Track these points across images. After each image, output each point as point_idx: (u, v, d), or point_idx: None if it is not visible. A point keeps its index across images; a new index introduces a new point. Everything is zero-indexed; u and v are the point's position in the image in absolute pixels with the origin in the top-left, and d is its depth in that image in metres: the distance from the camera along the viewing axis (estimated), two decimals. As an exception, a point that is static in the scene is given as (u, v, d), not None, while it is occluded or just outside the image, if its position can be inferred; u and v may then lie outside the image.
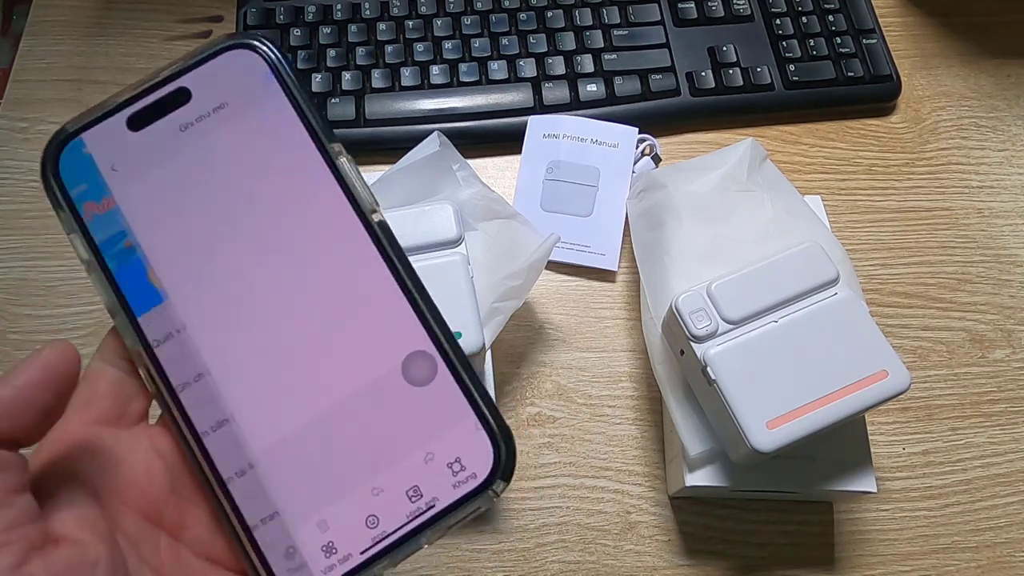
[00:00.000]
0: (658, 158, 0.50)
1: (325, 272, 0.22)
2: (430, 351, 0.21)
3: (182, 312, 0.22)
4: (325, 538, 0.21)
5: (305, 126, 0.22)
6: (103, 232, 0.22)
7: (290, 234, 0.22)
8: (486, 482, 0.21)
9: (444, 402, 0.21)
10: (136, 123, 0.22)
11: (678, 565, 0.40)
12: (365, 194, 0.22)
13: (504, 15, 0.53)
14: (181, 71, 0.22)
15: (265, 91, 0.22)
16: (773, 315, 0.34)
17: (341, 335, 0.22)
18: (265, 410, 0.21)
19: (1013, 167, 0.52)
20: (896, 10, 0.58)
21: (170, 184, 0.22)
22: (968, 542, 0.41)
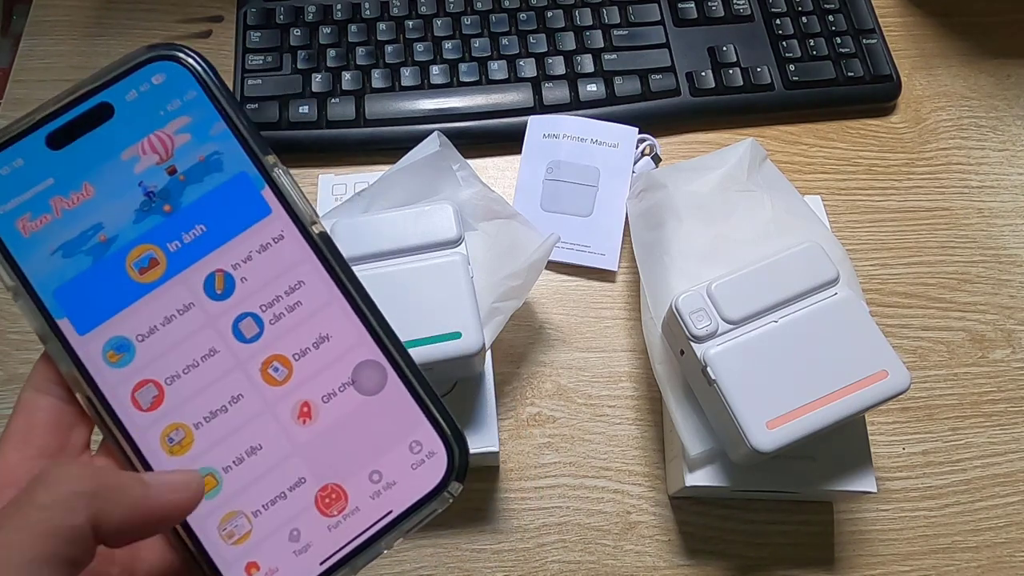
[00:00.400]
0: (658, 158, 0.50)
1: (268, 287, 0.22)
2: (379, 360, 0.22)
3: (134, 329, 0.21)
4: (297, 545, 0.21)
5: (237, 138, 0.22)
6: (36, 250, 0.21)
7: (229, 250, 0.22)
8: (440, 484, 0.21)
9: (396, 409, 0.22)
10: (56, 141, 0.21)
11: (678, 565, 0.40)
12: (303, 206, 0.22)
13: (504, 15, 0.53)
14: (103, 84, 0.21)
15: (193, 104, 0.22)
16: (773, 315, 0.34)
17: (290, 348, 0.22)
18: (215, 426, 0.21)
19: (1013, 167, 0.52)
20: (896, 10, 0.58)
21: (99, 203, 0.21)
22: (968, 542, 0.41)
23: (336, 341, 0.22)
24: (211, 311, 0.21)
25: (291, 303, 0.22)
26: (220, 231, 0.22)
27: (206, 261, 0.22)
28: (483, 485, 0.42)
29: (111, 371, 0.21)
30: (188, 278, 0.21)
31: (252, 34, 0.52)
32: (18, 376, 0.44)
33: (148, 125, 0.22)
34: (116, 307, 0.21)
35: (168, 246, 0.21)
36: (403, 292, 0.33)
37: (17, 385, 0.43)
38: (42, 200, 0.21)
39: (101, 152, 0.21)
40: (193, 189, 0.22)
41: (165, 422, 0.21)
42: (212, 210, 0.22)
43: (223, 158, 0.22)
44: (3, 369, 0.44)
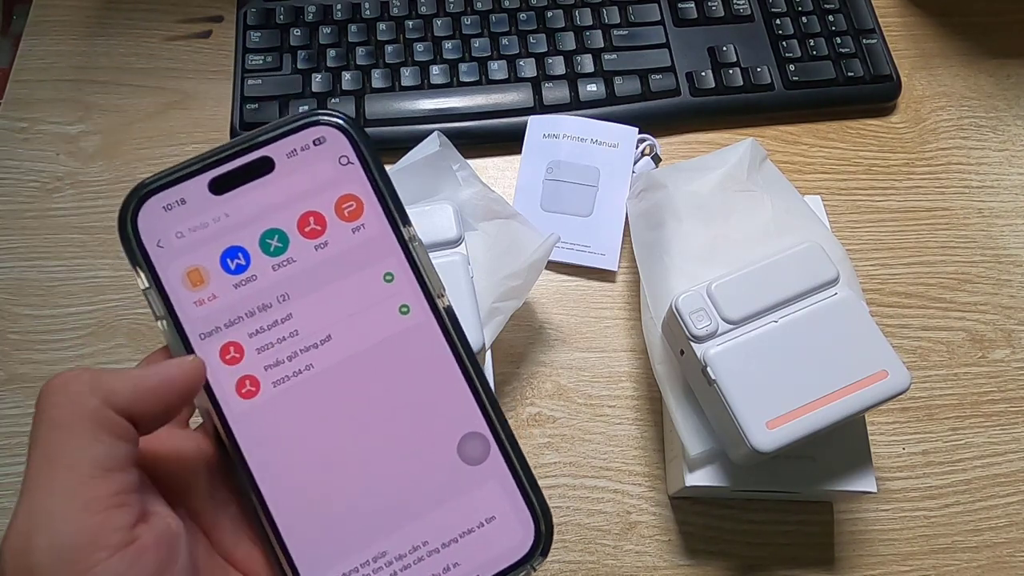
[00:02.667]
0: (658, 158, 0.50)
1: (394, 356, 0.23)
2: (484, 433, 0.23)
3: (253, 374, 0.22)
4: None
5: (383, 209, 0.23)
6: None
7: (361, 314, 0.23)
8: (526, 557, 0.22)
9: (494, 481, 0.23)
10: (218, 187, 0.22)
11: (678, 565, 0.40)
12: (434, 278, 0.23)
13: (504, 15, 0.53)
14: (267, 140, 0.23)
15: (347, 172, 0.23)
16: (773, 315, 0.34)
17: (405, 414, 0.23)
18: (322, 468, 0.22)
19: (1013, 167, 0.52)
20: (896, 10, 0.58)
21: (247, 257, 0.23)
22: (968, 542, 0.41)
23: (446, 412, 0.23)
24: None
25: (408, 380, 0.23)
26: (351, 303, 0.23)
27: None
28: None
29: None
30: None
31: (252, 34, 0.52)
32: (18, 376, 0.44)
33: (303, 187, 0.23)
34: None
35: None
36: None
37: (17, 385, 0.44)
38: (198, 241, 0.22)
39: (258, 207, 0.23)
40: (335, 266, 0.23)
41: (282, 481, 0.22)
42: (348, 287, 0.23)
43: (367, 232, 0.23)
44: (3, 369, 0.44)
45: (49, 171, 0.50)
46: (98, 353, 0.45)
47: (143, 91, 0.53)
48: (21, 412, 0.43)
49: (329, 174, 0.23)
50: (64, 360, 0.44)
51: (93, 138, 0.51)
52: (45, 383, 0.20)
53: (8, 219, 0.48)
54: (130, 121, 0.52)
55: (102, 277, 0.47)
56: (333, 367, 0.22)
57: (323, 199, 0.23)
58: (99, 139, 0.51)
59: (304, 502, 0.22)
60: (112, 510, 0.19)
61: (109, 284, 0.47)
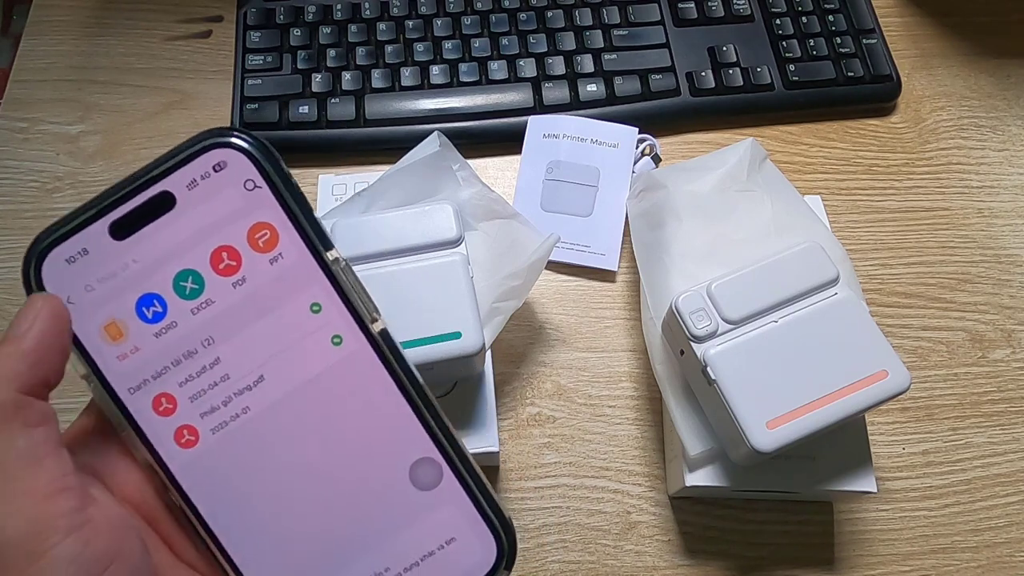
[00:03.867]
0: (658, 158, 0.50)
1: (332, 389, 0.22)
2: (435, 457, 0.22)
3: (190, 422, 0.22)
4: None
5: (300, 234, 0.21)
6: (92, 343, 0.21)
7: (291, 349, 0.22)
8: (489, 574, 0.22)
9: (451, 503, 0.22)
10: (119, 231, 0.21)
11: (678, 565, 0.40)
12: (365, 302, 0.22)
13: (504, 15, 0.53)
14: (162, 173, 0.21)
15: (255, 197, 0.21)
16: (773, 315, 0.34)
17: (350, 443, 0.22)
18: (274, 508, 0.22)
19: (1013, 167, 0.52)
20: (896, 10, 0.58)
21: (163, 303, 0.21)
22: (968, 542, 0.41)
23: (394, 438, 0.22)
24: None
25: (347, 411, 0.22)
26: (274, 341, 0.22)
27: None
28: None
29: (179, 452, 0.22)
30: None
31: (252, 34, 0.52)
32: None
33: (210, 221, 0.21)
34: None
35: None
36: (403, 292, 0.33)
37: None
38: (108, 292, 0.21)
39: (164, 249, 0.21)
40: (255, 304, 0.22)
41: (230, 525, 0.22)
42: (271, 324, 0.22)
43: (286, 262, 0.22)
44: (3, 369, 0.44)
45: (49, 171, 0.50)
46: (98, 353, 0.45)
47: (143, 91, 0.53)
48: (21, 412, 0.43)
49: (236, 203, 0.21)
50: (64, 360, 0.44)
51: (93, 138, 0.51)
52: None
53: (8, 219, 0.48)
54: (130, 121, 0.52)
55: (102, 277, 0.47)
56: (270, 407, 0.22)
57: (233, 231, 0.21)
58: (99, 139, 0.51)
59: (260, 543, 0.22)
60: (55, 496, 0.18)
61: (109, 284, 0.47)
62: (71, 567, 0.18)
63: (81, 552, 0.18)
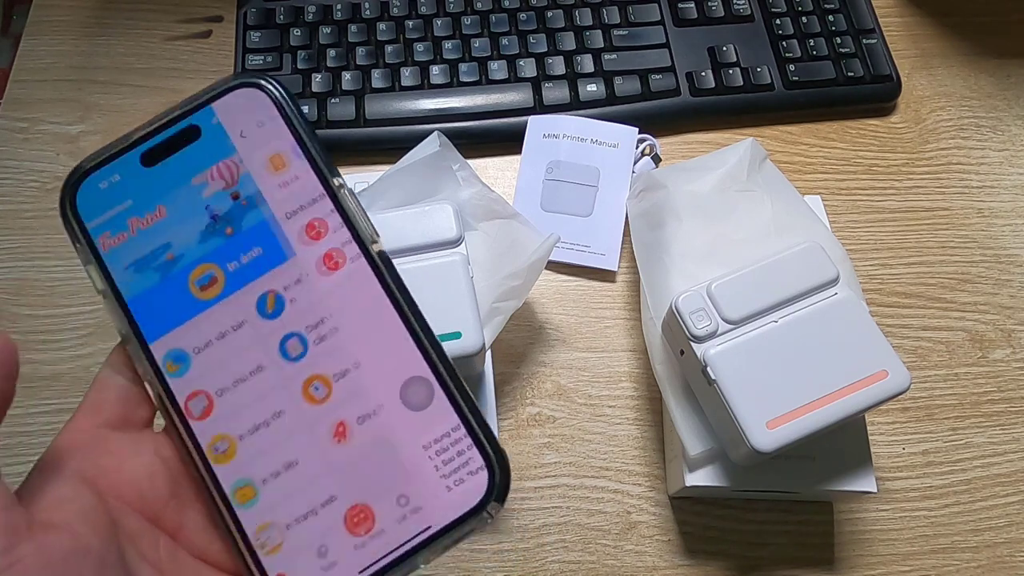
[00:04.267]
0: (658, 158, 0.50)
1: (328, 303, 0.23)
2: (427, 377, 0.22)
3: (191, 342, 0.22)
4: (325, 561, 0.21)
5: (309, 161, 0.23)
6: (118, 262, 0.23)
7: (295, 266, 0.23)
8: (480, 504, 0.21)
9: (440, 427, 0.22)
10: (149, 160, 0.23)
11: (678, 565, 0.40)
12: (366, 225, 0.23)
13: (504, 15, 0.53)
14: (191, 109, 0.23)
15: (271, 128, 0.23)
16: (773, 315, 0.34)
17: (342, 362, 0.22)
18: (257, 440, 0.22)
19: (1013, 167, 0.52)
20: (896, 10, 0.58)
21: (170, 224, 0.23)
22: (968, 542, 0.41)
23: (381, 360, 0.22)
24: (261, 330, 0.23)
25: (336, 324, 0.23)
26: (276, 253, 0.23)
27: (260, 281, 0.23)
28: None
29: (169, 380, 0.22)
30: (243, 297, 0.23)
31: (252, 34, 0.52)
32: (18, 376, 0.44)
33: (223, 150, 0.23)
34: (177, 321, 0.23)
35: (227, 266, 0.23)
36: (403, 292, 0.33)
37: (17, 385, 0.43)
38: (122, 220, 0.23)
39: (178, 175, 0.23)
40: (254, 214, 0.23)
41: (213, 432, 0.22)
42: (270, 233, 0.23)
43: (297, 190, 0.23)
44: (3, 369, 0.44)
45: (49, 171, 0.50)
46: (98, 353, 0.45)
47: (143, 91, 0.53)
48: (22, 412, 0.43)
49: (255, 134, 0.23)
50: (64, 360, 0.44)
51: (93, 138, 0.51)
52: None
53: (8, 219, 0.48)
54: (130, 121, 0.52)
55: (102, 277, 0.47)
56: (277, 317, 0.23)
57: (252, 158, 0.23)
58: (99, 139, 0.51)
59: (264, 471, 0.22)
60: None
61: (109, 284, 0.47)
62: None
63: None
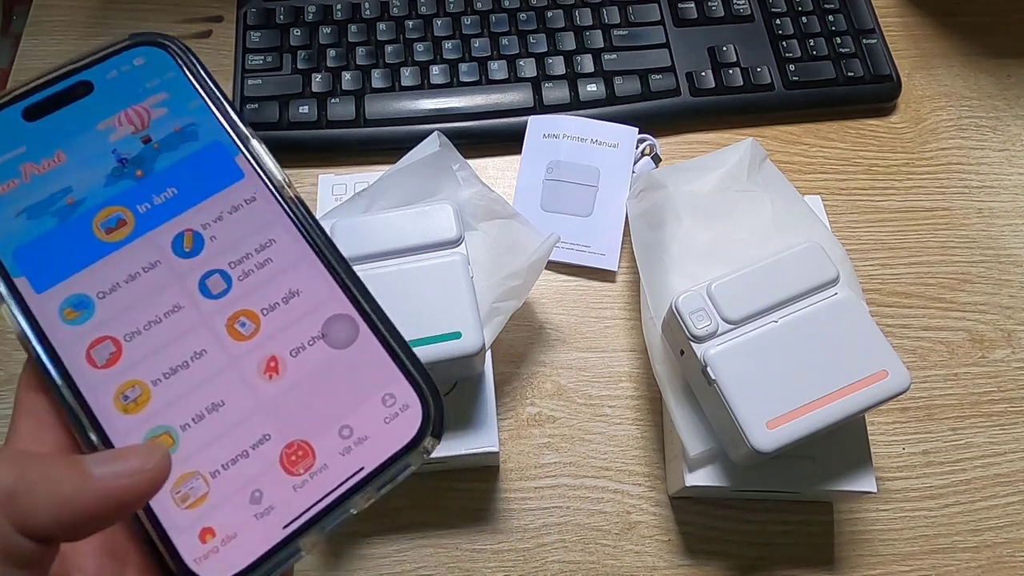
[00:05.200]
0: (658, 158, 0.50)
1: (238, 245, 0.22)
2: (350, 314, 0.22)
3: (95, 286, 0.21)
4: (259, 508, 0.20)
5: (214, 112, 0.23)
6: (6, 210, 0.21)
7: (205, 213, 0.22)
8: (415, 439, 0.20)
9: (368, 363, 0.21)
10: (34, 114, 0.22)
11: (678, 565, 0.40)
12: (278, 173, 0.23)
13: (504, 15, 0.53)
14: (84, 64, 0.22)
15: (172, 83, 0.23)
16: (773, 315, 0.34)
17: (258, 303, 0.22)
18: (174, 383, 0.21)
19: (1013, 167, 0.52)
20: (896, 10, 0.58)
21: (70, 169, 0.22)
22: (968, 542, 0.41)
23: (306, 297, 0.22)
24: (178, 269, 0.21)
25: (261, 260, 0.22)
26: (192, 194, 0.22)
27: (176, 221, 0.22)
28: (483, 485, 0.42)
29: (67, 328, 0.21)
30: (156, 238, 0.22)
31: (252, 34, 0.52)
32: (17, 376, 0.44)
33: (126, 100, 0.22)
34: (78, 265, 0.21)
35: (138, 208, 0.22)
36: (403, 292, 0.33)
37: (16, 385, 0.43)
38: (12, 166, 0.21)
39: (77, 124, 0.22)
40: (167, 156, 0.22)
41: (121, 379, 0.20)
42: (184, 175, 0.22)
43: (199, 129, 0.23)
44: (3, 369, 0.44)
45: (49, 171, 0.50)
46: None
47: (143, 91, 0.53)
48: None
49: (151, 89, 0.22)
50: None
51: (93, 138, 0.51)
52: None
53: (8, 219, 0.48)
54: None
55: (102, 277, 0.47)
56: (190, 264, 0.22)
57: (146, 113, 0.22)
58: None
59: (184, 416, 0.20)
60: None
61: (109, 284, 0.47)
62: None
63: None
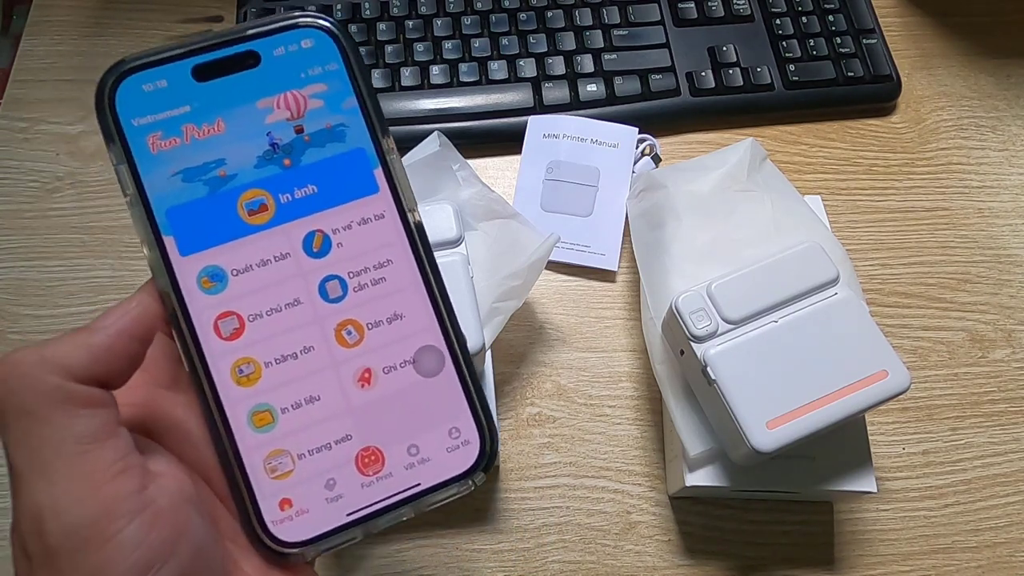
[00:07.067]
0: (658, 158, 0.50)
1: (360, 257, 0.23)
2: (441, 348, 0.24)
3: (231, 262, 0.23)
4: (331, 493, 0.23)
5: (364, 117, 0.23)
6: (165, 166, 0.22)
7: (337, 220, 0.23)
8: (468, 471, 0.23)
9: (445, 395, 0.23)
10: (201, 74, 0.22)
11: (678, 565, 0.40)
12: (408, 193, 0.24)
13: (504, 15, 0.53)
14: (256, 34, 0.23)
15: (333, 75, 0.23)
16: (773, 315, 0.34)
17: (366, 316, 0.23)
18: (282, 369, 0.23)
19: (1013, 167, 0.52)
20: (896, 10, 0.58)
21: (226, 141, 0.22)
22: (968, 542, 0.41)
23: (408, 321, 0.23)
24: (304, 265, 0.23)
25: (376, 277, 0.23)
26: (329, 195, 0.23)
27: (310, 219, 0.23)
28: (483, 485, 0.42)
29: (202, 295, 0.22)
30: (291, 230, 0.23)
31: (252, 34, 0.52)
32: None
33: (288, 82, 0.23)
34: (220, 239, 0.23)
35: (280, 196, 0.23)
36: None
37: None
38: (176, 124, 0.22)
39: (240, 95, 0.23)
40: (314, 151, 0.23)
41: (240, 354, 0.22)
42: (326, 175, 0.23)
43: (348, 131, 0.23)
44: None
45: (49, 171, 0.50)
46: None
47: (143, 91, 0.53)
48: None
49: (315, 76, 0.23)
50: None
51: (93, 138, 0.51)
52: None
53: (8, 219, 0.48)
54: (130, 121, 0.52)
55: (102, 277, 0.47)
56: (314, 269, 0.23)
57: (303, 101, 0.23)
58: (99, 139, 0.51)
59: (286, 400, 0.23)
60: (116, 478, 0.18)
61: (109, 284, 0.47)
62: (137, 551, 0.18)
63: (147, 536, 0.18)
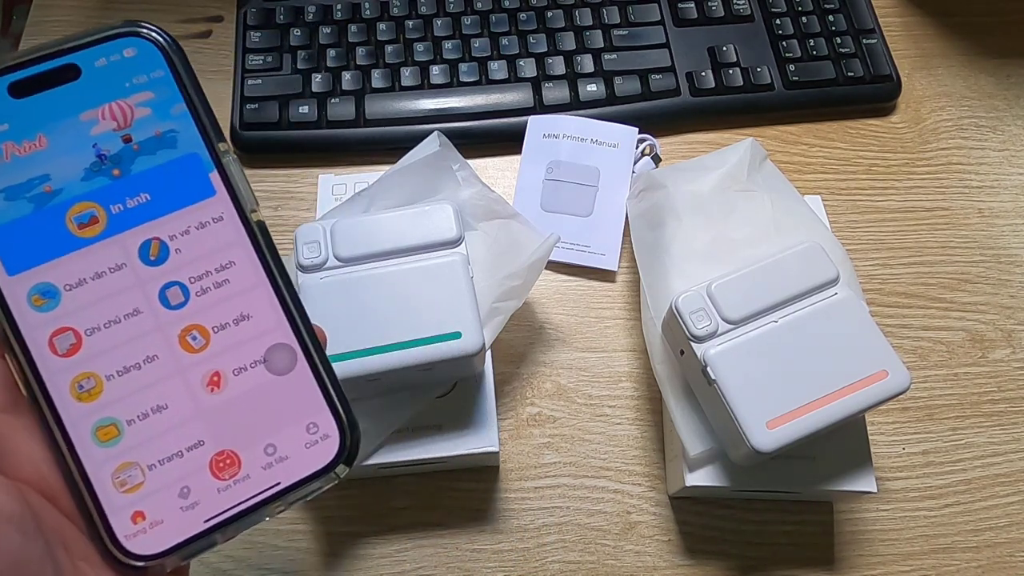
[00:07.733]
0: (658, 158, 0.50)
1: (200, 261, 0.23)
2: (292, 344, 0.23)
3: (63, 278, 0.22)
4: (186, 502, 0.22)
5: (195, 122, 0.23)
6: None
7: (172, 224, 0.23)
8: (329, 465, 0.23)
9: (301, 391, 0.23)
10: (19, 91, 0.22)
11: (678, 565, 0.40)
12: (247, 193, 0.23)
13: (504, 15, 0.53)
14: (74, 47, 0.22)
15: (159, 83, 0.23)
16: (773, 315, 0.34)
17: (210, 320, 0.23)
18: (126, 381, 0.22)
19: (1013, 167, 0.52)
20: (896, 10, 0.58)
21: (50, 156, 0.22)
22: (968, 542, 0.41)
23: (255, 321, 0.23)
24: (141, 274, 0.23)
25: (219, 280, 0.23)
26: (163, 202, 0.23)
27: (145, 227, 0.23)
28: (483, 485, 0.42)
29: (33, 313, 0.22)
30: (125, 240, 0.22)
31: (252, 34, 0.52)
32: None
33: (112, 93, 0.22)
34: (49, 255, 0.22)
35: (111, 207, 0.22)
36: (403, 292, 0.33)
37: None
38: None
39: (61, 109, 0.22)
40: (144, 160, 0.23)
41: (79, 369, 0.22)
42: (159, 182, 0.23)
43: (178, 137, 0.23)
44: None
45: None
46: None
47: (143, 91, 0.53)
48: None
49: (138, 86, 0.23)
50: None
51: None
52: None
53: None
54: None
55: (102, 277, 0.47)
56: (148, 273, 0.23)
57: (129, 111, 0.22)
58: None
59: (131, 412, 0.22)
60: None
61: None
62: None
63: None
